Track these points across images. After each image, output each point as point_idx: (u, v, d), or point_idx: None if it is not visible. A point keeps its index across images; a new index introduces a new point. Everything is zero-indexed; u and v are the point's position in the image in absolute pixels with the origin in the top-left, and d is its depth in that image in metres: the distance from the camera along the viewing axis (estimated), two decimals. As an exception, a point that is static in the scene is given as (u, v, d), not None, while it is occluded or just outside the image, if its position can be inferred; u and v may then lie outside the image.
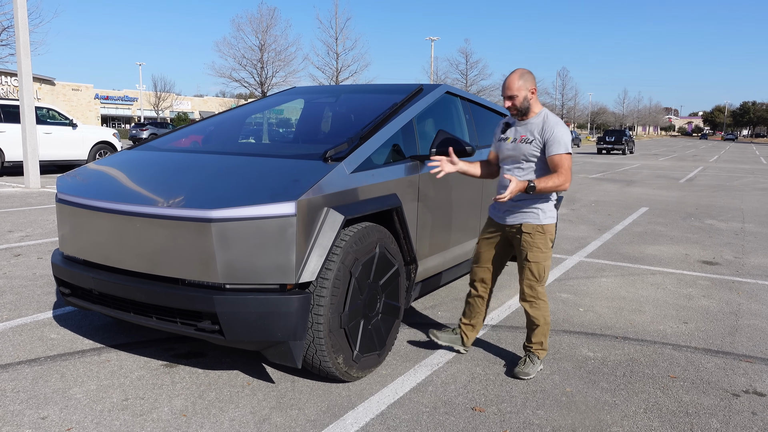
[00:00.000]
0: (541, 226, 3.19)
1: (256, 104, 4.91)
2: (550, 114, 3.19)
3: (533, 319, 3.26)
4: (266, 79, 39.09)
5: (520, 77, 3.13)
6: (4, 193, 10.64)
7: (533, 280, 3.23)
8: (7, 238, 6.63)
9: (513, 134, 3.25)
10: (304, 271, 2.77)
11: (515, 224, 3.23)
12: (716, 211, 10.55)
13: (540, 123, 3.15)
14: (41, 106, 14.23)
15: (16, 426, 2.63)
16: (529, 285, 3.24)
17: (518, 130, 3.23)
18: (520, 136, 3.20)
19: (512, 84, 3.13)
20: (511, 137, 3.25)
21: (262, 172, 3.04)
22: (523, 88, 3.13)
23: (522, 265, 3.25)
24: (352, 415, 2.78)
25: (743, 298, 4.98)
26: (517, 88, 3.12)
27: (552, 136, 3.08)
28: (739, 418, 2.88)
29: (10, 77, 42.57)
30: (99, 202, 3.06)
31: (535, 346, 3.31)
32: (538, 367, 3.29)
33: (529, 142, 3.15)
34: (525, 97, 3.14)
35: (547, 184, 3.04)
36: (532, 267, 3.21)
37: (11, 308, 4.21)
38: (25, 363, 3.29)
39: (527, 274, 3.23)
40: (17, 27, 11.54)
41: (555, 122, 3.12)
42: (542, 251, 3.20)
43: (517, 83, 3.12)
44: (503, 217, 3.28)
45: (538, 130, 3.14)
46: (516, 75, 3.14)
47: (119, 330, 3.84)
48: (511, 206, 3.22)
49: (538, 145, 3.13)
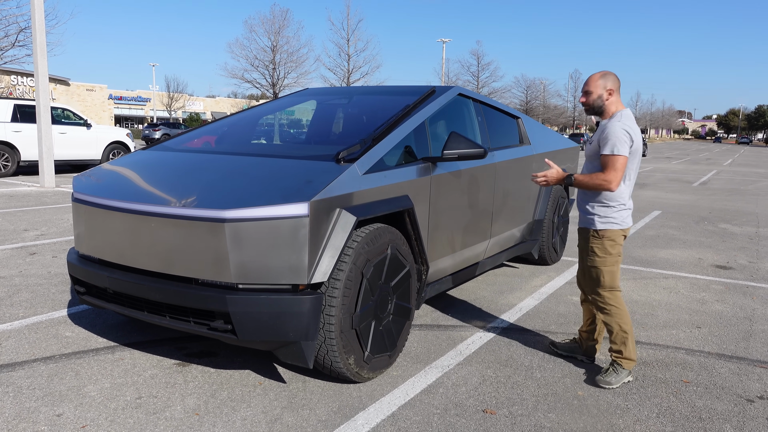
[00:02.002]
0: (596, 230, 3.20)
1: (269, 105, 4.94)
2: (623, 117, 3.12)
3: (606, 326, 3.27)
4: (278, 80, 39.27)
5: (601, 76, 3.18)
6: (20, 192, 10.77)
7: (594, 285, 3.25)
8: (23, 237, 6.71)
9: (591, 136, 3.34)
10: (317, 272, 2.78)
11: (580, 227, 3.36)
12: (730, 215, 10.45)
13: (605, 124, 3.16)
14: (56, 107, 14.40)
15: (32, 423, 2.66)
16: (591, 290, 3.29)
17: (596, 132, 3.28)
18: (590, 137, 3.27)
19: (591, 80, 3.19)
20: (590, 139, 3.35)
21: (274, 173, 3.05)
22: (600, 86, 3.16)
23: (587, 267, 3.32)
24: (363, 416, 2.79)
25: (758, 303, 4.93)
26: (594, 85, 3.17)
27: (604, 136, 3.10)
28: (754, 424, 2.85)
29: (27, 78, 43.07)
30: (114, 202, 3.09)
31: (614, 354, 3.25)
32: (623, 377, 3.19)
33: (591, 143, 3.24)
34: (599, 95, 3.17)
35: (586, 180, 3.10)
36: (591, 271, 3.26)
37: (27, 306, 4.26)
38: (41, 360, 3.33)
39: (587, 278, 3.32)
40: (34, 28, 11.69)
41: (614, 125, 3.08)
42: (597, 255, 3.20)
43: (596, 81, 3.17)
44: (580, 220, 3.37)
45: (600, 132, 3.18)
46: (598, 73, 3.21)
47: (133, 328, 3.87)
48: (581, 209, 3.33)
49: (596, 145, 3.18)
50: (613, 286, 3.21)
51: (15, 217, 8.08)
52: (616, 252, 3.19)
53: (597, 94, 3.16)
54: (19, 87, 42.94)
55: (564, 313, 4.48)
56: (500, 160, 4.65)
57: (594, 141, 3.21)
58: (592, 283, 3.26)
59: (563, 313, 4.48)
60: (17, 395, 2.91)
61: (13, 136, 13.34)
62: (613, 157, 3.05)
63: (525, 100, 62.07)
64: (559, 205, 5.92)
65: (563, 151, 6.19)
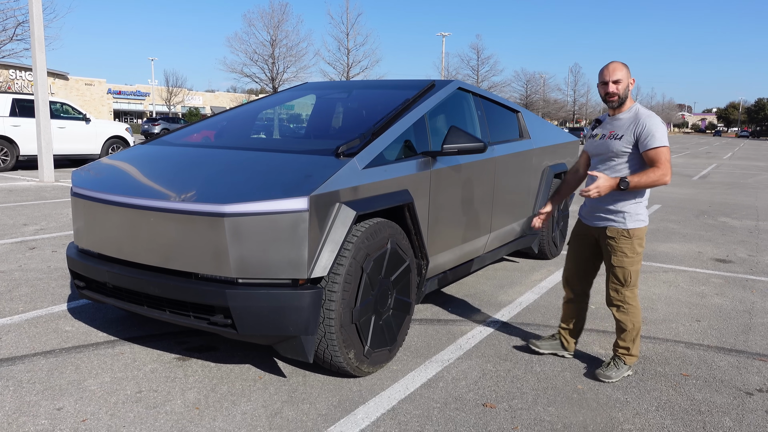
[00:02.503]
0: (626, 230, 3.07)
1: (268, 99, 4.92)
2: (642, 108, 3.05)
3: (621, 324, 3.19)
4: (277, 74, 39.18)
5: (624, 66, 3.04)
6: (19, 187, 10.76)
7: (618, 284, 3.15)
8: (23, 231, 6.71)
9: (602, 130, 3.15)
10: (316, 267, 2.78)
11: (600, 228, 3.16)
12: (730, 208, 10.45)
13: (631, 118, 3.04)
14: (55, 101, 14.36)
15: (33, 416, 2.66)
16: (614, 289, 3.17)
17: (607, 126, 3.13)
18: (609, 132, 3.09)
19: (618, 69, 3.02)
20: (599, 134, 3.16)
21: (274, 168, 3.05)
22: (627, 76, 3.02)
23: (607, 269, 3.20)
24: (363, 410, 2.79)
25: (757, 296, 4.94)
26: (623, 73, 3.01)
27: (645, 130, 2.96)
28: (753, 416, 2.86)
29: (25, 72, 42.96)
30: (113, 196, 3.09)
31: (621, 350, 3.23)
32: (623, 372, 3.20)
33: (619, 138, 3.03)
34: (627, 85, 3.03)
35: (642, 180, 2.91)
36: (617, 272, 3.13)
37: (27, 300, 4.26)
38: (41, 355, 3.34)
39: (612, 278, 3.17)
40: (32, 22, 11.64)
41: (648, 115, 3.00)
42: (627, 256, 3.09)
43: (624, 70, 3.02)
44: (590, 219, 3.21)
45: (628, 125, 3.02)
46: (619, 63, 3.04)
47: (133, 323, 3.88)
48: (598, 208, 3.14)
49: (629, 140, 3.01)
50: (636, 284, 3.16)
51: (14, 211, 8.08)
52: (642, 250, 3.12)
53: (625, 84, 3.02)
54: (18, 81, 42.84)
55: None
56: (500, 154, 4.65)
57: (621, 136, 3.02)
58: (617, 283, 3.15)
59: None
60: (17, 389, 2.92)
61: (12, 131, 13.31)
62: (663, 149, 2.93)
63: (525, 94, 61.98)
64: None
65: (563, 145, 6.18)
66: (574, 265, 3.38)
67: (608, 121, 3.16)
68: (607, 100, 3.07)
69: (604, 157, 3.11)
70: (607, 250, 3.16)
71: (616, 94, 3.03)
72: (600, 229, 3.17)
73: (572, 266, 3.38)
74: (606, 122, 3.18)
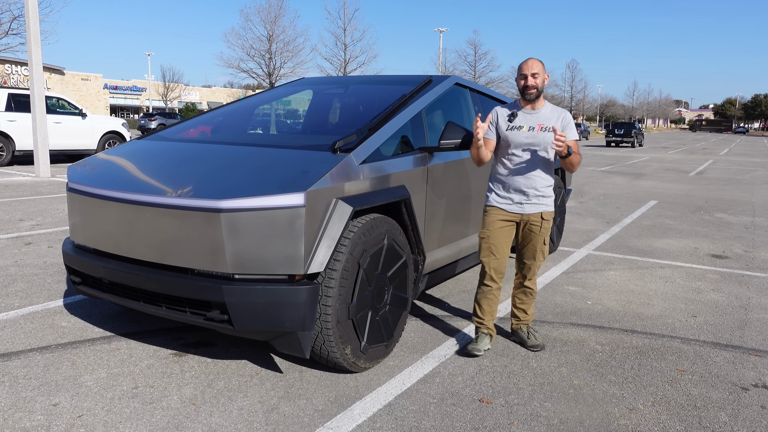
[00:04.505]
0: (554, 212, 3.44)
1: (264, 95, 4.91)
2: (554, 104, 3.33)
3: (532, 294, 3.55)
4: (274, 69, 39.07)
5: (540, 62, 3.26)
6: (15, 182, 10.72)
7: (541, 261, 3.47)
8: (18, 227, 6.69)
9: (526, 123, 3.29)
10: (313, 262, 2.77)
11: (535, 212, 3.35)
12: (726, 204, 10.47)
13: (553, 113, 3.32)
14: (51, 96, 14.30)
15: (29, 412, 2.66)
16: (538, 266, 3.48)
17: (530, 119, 3.30)
18: (539, 125, 3.27)
19: (536, 64, 3.24)
20: (525, 126, 3.28)
21: (271, 163, 3.04)
22: (543, 71, 3.28)
23: (538, 249, 3.42)
24: (360, 406, 2.80)
25: (753, 291, 4.96)
26: (539, 68, 3.24)
27: (569, 125, 3.32)
28: (748, 411, 2.87)
29: (21, 66, 42.74)
30: (109, 192, 3.07)
31: (530, 317, 3.60)
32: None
33: (551, 131, 3.26)
34: (543, 80, 3.26)
35: (576, 158, 3.26)
36: (545, 250, 3.45)
37: (23, 296, 4.25)
38: (37, 350, 3.33)
39: (539, 257, 3.44)
40: (28, 16, 11.58)
41: (563, 109, 3.35)
42: (547, 236, 3.44)
43: (539, 65, 3.25)
44: (521, 207, 3.34)
45: (555, 120, 3.30)
46: (536, 59, 3.27)
47: (129, 319, 3.87)
48: (530, 195, 3.32)
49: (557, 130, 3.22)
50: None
51: (10, 206, 8.05)
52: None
53: (542, 78, 3.24)
54: (14, 76, 42.63)
55: (560, 302, 4.49)
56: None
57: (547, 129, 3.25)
58: (540, 260, 3.45)
59: (560, 303, 4.49)
60: (13, 385, 2.91)
61: (8, 126, 13.25)
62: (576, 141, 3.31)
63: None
64: (556, 195, 5.92)
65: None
66: (501, 256, 3.40)
67: (528, 114, 3.32)
68: (526, 92, 3.26)
69: (540, 148, 3.28)
70: (541, 233, 3.38)
71: (535, 87, 3.23)
72: (533, 215, 3.36)
73: (500, 257, 3.39)
74: (525, 115, 3.32)
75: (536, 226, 3.35)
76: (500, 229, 3.38)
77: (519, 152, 3.30)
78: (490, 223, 3.39)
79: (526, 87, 3.24)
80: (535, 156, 3.29)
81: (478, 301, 3.47)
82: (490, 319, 3.48)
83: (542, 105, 3.32)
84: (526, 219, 3.35)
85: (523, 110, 3.32)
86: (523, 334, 3.58)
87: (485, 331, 3.47)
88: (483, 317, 3.46)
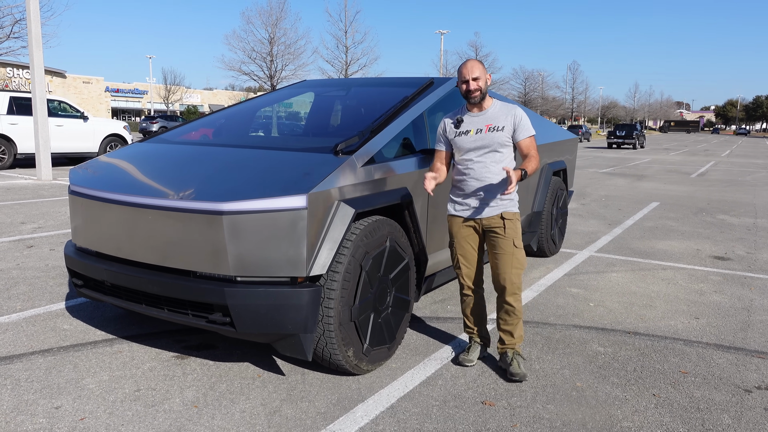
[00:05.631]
0: (516, 212, 3.19)
1: (266, 97, 4.91)
2: (506, 100, 3.20)
3: (517, 312, 3.20)
4: (275, 72, 39.08)
5: (480, 63, 3.15)
6: (17, 185, 10.73)
7: (519, 268, 3.16)
8: (20, 230, 6.69)
9: (472, 126, 3.16)
10: (315, 265, 2.77)
11: (494, 215, 3.15)
12: (728, 206, 10.45)
13: (502, 110, 3.17)
14: (53, 99, 14.33)
15: (31, 415, 2.66)
16: (516, 274, 3.15)
17: (477, 121, 3.16)
18: (487, 126, 3.13)
19: (475, 66, 3.11)
20: (473, 129, 3.15)
21: (272, 165, 3.04)
22: (484, 72, 3.13)
23: (508, 254, 3.14)
24: (363, 408, 2.79)
25: (755, 293, 4.94)
26: (481, 71, 3.12)
27: (522, 122, 3.14)
28: (752, 414, 2.86)
29: (23, 70, 42.83)
30: (111, 194, 3.08)
31: (518, 340, 3.24)
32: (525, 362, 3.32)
33: (501, 130, 3.12)
34: (485, 81, 3.13)
35: (532, 166, 3.07)
36: (518, 254, 3.15)
37: (25, 299, 4.25)
38: (39, 353, 3.33)
39: (515, 263, 3.14)
40: (29, 20, 11.60)
41: (516, 105, 3.21)
42: (518, 237, 3.16)
43: (479, 67, 3.12)
44: (479, 211, 3.17)
45: (504, 117, 3.14)
46: (476, 60, 3.14)
47: (131, 321, 3.87)
48: (488, 198, 3.14)
49: (510, 131, 3.13)
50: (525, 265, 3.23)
51: (12, 209, 8.06)
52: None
53: (484, 80, 3.12)
54: (15, 79, 42.72)
55: (563, 305, 4.48)
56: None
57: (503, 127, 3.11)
58: (519, 267, 3.15)
59: (562, 305, 4.48)
60: (15, 388, 2.91)
61: (10, 129, 13.28)
62: (533, 137, 3.17)
63: (523, 92, 61.93)
64: (557, 197, 5.92)
65: (562, 143, 6.17)
66: (471, 264, 3.28)
67: (475, 117, 3.17)
68: (470, 96, 3.14)
69: (492, 149, 3.12)
70: (507, 234, 3.13)
71: (478, 90, 3.11)
72: (493, 218, 3.15)
73: (470, 265, 3.28)
74: (472, 118, 3.18)
75: (499, 228, 3.13)
76: (465, 238, 3.24)
77: (470, 156, 3.15)
78: (453, 233, 3.27)
79: (468, 91, 3.12)
80: (488, 157, 3.12)
81: (464, 311, 3.38)
82: (480, 327, 3.39)
83: (490, 105, 3.18)
84: (486, 223, 3.16)
85: (469, 114, 3.19)
86: (507, 359, 3.21)
87: (477, 340, 3.39)
88: (472, 326, 3.39)
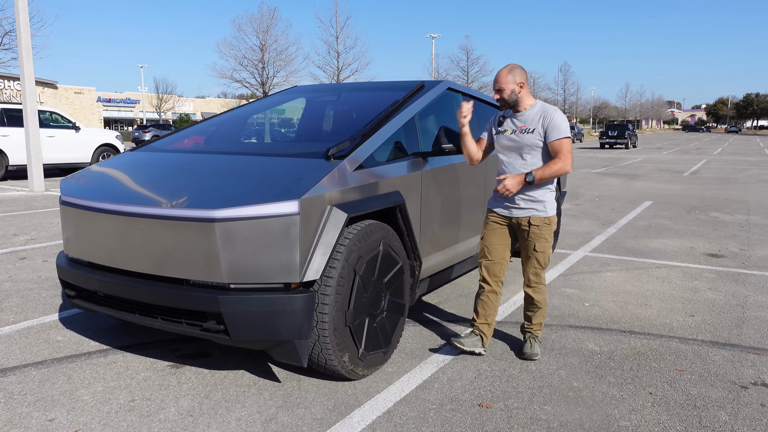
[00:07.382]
0: (548, 218, 3.32)
1: (257, 104, 4.90)
2: (546, 104, 3.33)
3: (537, 303, 3.45)
4: (267, 79, 39.07)
5: (509, 72, 3.28)
6: (9, 197, 10.67)
7: (539, 267, 3.40)
8: (13, 242, 6.65)
9: (511, 126, 3.36)
10: (308, 270, 2.76)
11: (523, 217, 3.32)
12: (721, 203, 10.51)
13: (538, 113, 3.30)
14: (44, 110, 14.28)
15: (24, 428, 2.63)
16: (534, 273, 3.41)
17: (516, 122, 3.35)
18: (520, 127, 3.31)
19: (500, 78, 3.29)
20: (509, 129, 3.36)
21: (264, 172, 3.03)
22: (511, 81, 3.27)
23: (529, 255, 3.39)
24: (359, 413, 2.78)
25: (750, 290, 4.96)
26: (504, 81, 3.27)
27: (551, 123, 3.23)
28: (748, 410, 2.87)
29: (13, 81, 42.68)
30: (103, 204, 3.06)
31: (536, 327, 3.51)
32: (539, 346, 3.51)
33: (531, 132, 3.27)
34: (512, 90, 3.28)
35: (546, 172, 3.19)
36: (539, 257, 3.37)
37: (17, 311, 4.22)
38: (32, 365, 3.30)
39: (534, 263, 3.39)
40: (19, 31, 11.57)
41: (553, 110, 3.28)
42: (548, 241, 3.35)
43: (505, 77, 3.28)
44: (509, 210, 3.36)
45: (537, 120, 3.28)
46: (505, 70, 3.30)
47: (125, 331, 3.84)
48: (520, 199, 3.31)
49: (540, 133, 3.25)
50: (547, 264, 3.43)
51: (4, 221, 8.01)
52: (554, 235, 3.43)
53: (510, 90, 3.27)
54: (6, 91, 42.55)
55: (558, 305, 4.48)
56: (491, 154, 4.65)
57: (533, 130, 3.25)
58: (538, 267, 3.39)
59: (557, 305, 4.49)
60: (9, 400, 2.88)
61: (1, 141, 13.22)
62: (566, 140, 3.22)
63: (515, 94, 61.97)
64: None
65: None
66: (492, 257, 3.43)
67: (514, 118, 3.36)
68: (500, 104, 3.37)
69: (518, 150, 3.31)
70: (530, 238, 3.34)
71: (501, 100, 3.32)
72: (522, 219, 3.33)
73: (494, 258, 3.43)
74: (512, 119, 3.38)
75: (525, 230, 3.34)
76: (493, 230, 3.43)
77: (505, 155, 3.37)
78: (485, 224, 3.48)
79: (497, 99, 3.35)
80: (520, 159, 3.31)
81: (475, 301, 3.54)
82: (482, 323, 3.47)
83: (528, 107, 3.33)
84: (515, 222, 3.36)
85: (511, 114, 3.40)
86: (524, 339, 3.56)
87: (477, 332, 3.49)
88: (476, 318, 3.50)
